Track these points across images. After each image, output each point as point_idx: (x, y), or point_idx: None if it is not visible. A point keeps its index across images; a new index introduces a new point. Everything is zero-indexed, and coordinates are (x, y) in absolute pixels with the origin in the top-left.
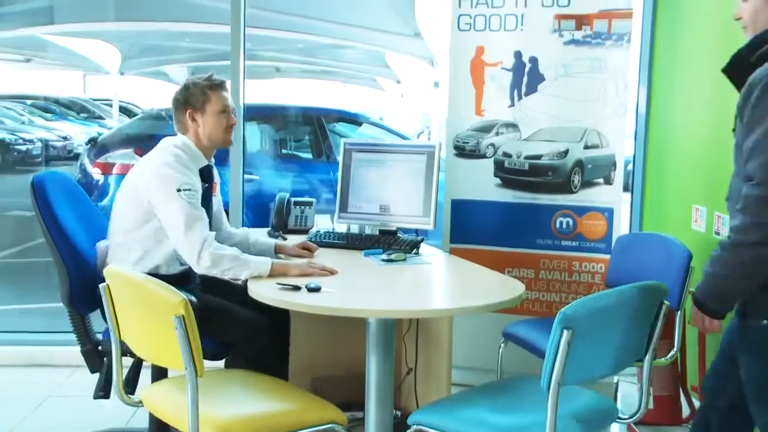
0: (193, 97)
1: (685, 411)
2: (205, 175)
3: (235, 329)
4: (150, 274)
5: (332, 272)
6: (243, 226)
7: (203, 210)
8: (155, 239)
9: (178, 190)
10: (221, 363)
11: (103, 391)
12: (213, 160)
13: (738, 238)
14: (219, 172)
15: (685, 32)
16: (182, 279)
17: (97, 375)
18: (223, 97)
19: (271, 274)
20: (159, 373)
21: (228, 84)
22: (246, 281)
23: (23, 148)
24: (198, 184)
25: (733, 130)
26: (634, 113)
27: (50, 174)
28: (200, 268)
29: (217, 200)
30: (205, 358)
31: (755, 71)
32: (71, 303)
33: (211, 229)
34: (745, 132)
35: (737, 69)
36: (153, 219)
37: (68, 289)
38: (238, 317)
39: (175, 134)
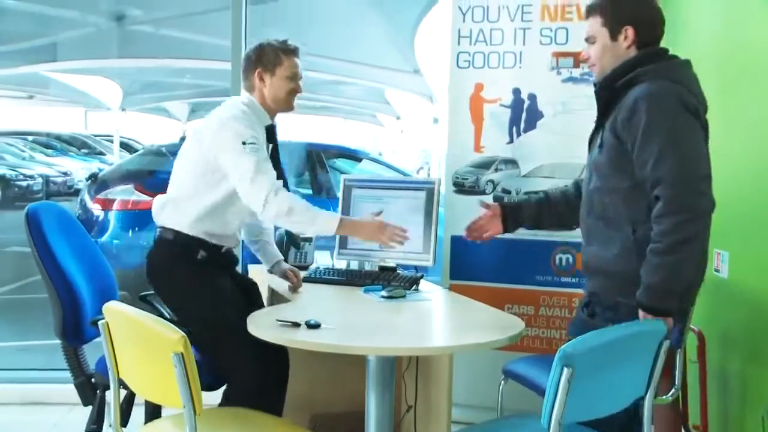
0: (265, 57)
1: None
2: (270, 134)
3: (242, 361)
4: (201, 240)
5: (405, 236)
6: (243, 261)
7: (270, 162)
8: (213, 202)
9: (244, 143)
10: (215, 394)
11: (95, 424)
12: (276, 120)
13: (677, 237)
14: None
15: None
16: (224, 258)
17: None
18: (295, 63)
19: (338, 232)
20: (153, 410)
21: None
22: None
23: (24, 183)
24: (263, 140)
25: (590, 147)
26: None
27: (45, 205)
28: (268, 214)
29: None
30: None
31: (629, 93)
32: (64, 335)
33: None
34: (642, 143)
35: (607, 93)
36: (214, 177)
37: (61, 320)
38: (249, 350)
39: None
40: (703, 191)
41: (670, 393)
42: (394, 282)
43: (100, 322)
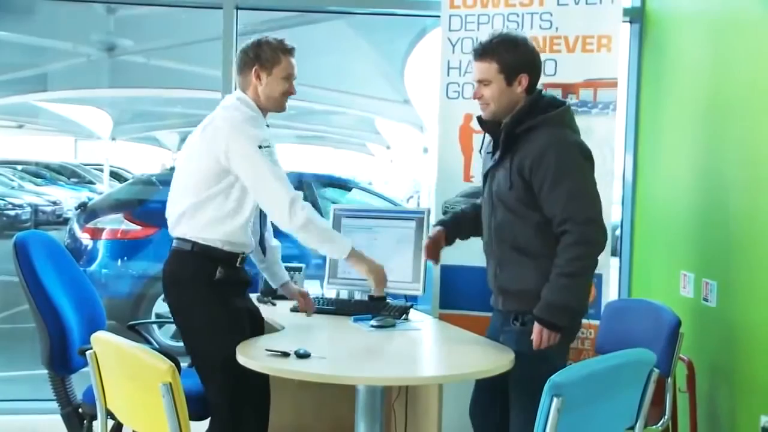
0: (264, 54)
1: None
2: None
3: (230, 402)
4: (219, 249)
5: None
6: None
7: (282, 168)
8: (226, 206)
9: (260, 147)
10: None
11: None
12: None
13: (583, 264)
14: None
15: (669, 100)
16: (241, 274)
17: None
18: (292, 63)
19: (348, 259)
20: None
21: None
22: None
23: (12, 213)
24: (271, 139)
25: (485, 179)
26: (621, 180)
27: (33, 234)
28: (292, 225)
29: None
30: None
31: (532, 137)
32: (52, 365)
33: None
34: (550, 184)
35: (507, 138)
36: (225, 181)
37: (49, 348)
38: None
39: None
40: (603, 227)
41: (661, 423)
42: (383, 311)
43: (88, 352)
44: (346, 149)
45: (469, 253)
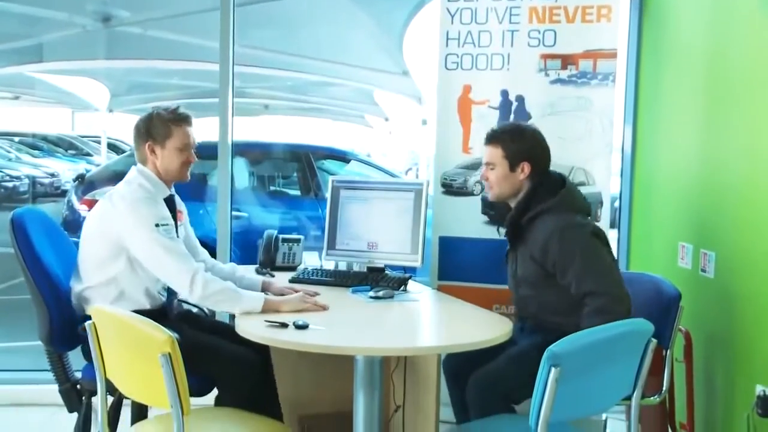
0: (154, 129)
1: None
2: (169, 204)
3: (224, 366)
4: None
5: (324, 308)
6: (231, 262)
7: (182, 243)
8: (129, 272)
9: (157, 225)
10: (204, 400)
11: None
12: (173, 189)
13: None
14: (204, 208)
15: (668, 72)
16: (160, 315)
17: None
18: (186, 133)
19: (263, 310)
20: (139, 411)
21: (193, 119)
22: (232, 316)
23: (10, 184)
24: (169, 216)
25: (507, 260)
26: (620, 151)
27: (30, 210)
28: (194, 297)
29: (184, 228)
30: (190, 394)
31: (537, 226)
32: (51, 341)
33: None
34: (563, 269)
35: (512, 229)
36: (123, 254)
37: (48, 327)
38: (227, 354)
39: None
40: (621, 297)
41: (659, 394)
42: (382, 282)
43: (87, 324)
44: (345, 121)
45: (468, 224)
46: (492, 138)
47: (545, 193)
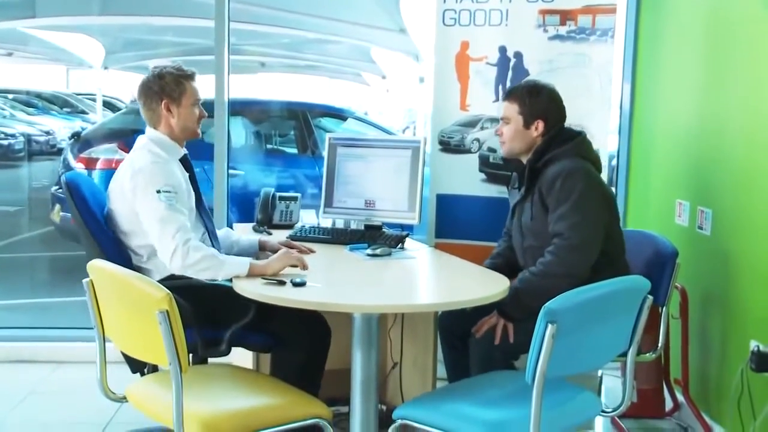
0: (168, 87)
1: (669, 404)
2: (185, 164)
3: (293, 327)
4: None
5: (305, 266)
6: (228, 221)
7: (183, 212)
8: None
9: (158, 192)
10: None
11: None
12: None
13: (546, 270)
14: (200, 166)
15: (668, 28)
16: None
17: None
18: (196, 88)
19: (250, 274)
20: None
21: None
22: None
23: (5, 142)
24: (181, 179)
25: (513, 212)
26: (618, 108)
27: (79, 175)
28: (173, 268)
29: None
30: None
31: (548, 170)
32: None
33: (204, 219)
34: (554, 207)
35: (530, 173)
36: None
37: None
38: (295, 317)
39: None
40: (586, 256)
41: (654, 351)
42: (379, 240)
43: (84, 281)
44: (341, 79)
45: (465, 182)
46: (509, 94)
47: (562, 140)
